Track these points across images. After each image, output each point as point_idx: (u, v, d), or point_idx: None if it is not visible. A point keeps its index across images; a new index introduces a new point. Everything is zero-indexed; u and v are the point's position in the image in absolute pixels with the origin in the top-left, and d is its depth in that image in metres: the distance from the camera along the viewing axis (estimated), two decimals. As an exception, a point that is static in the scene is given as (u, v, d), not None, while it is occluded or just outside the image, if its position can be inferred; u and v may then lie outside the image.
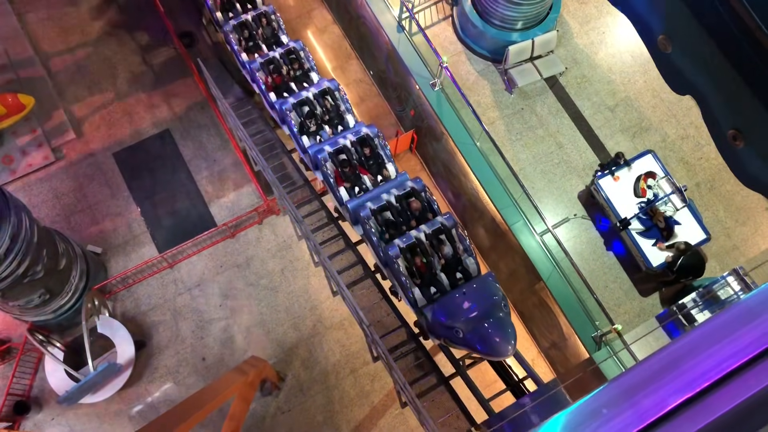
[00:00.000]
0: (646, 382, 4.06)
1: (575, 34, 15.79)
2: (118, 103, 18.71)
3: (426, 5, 16.13)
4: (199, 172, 18.11)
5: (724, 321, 4.17)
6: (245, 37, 15.69)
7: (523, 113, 15.15)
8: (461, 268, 11.61)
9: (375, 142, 13.16)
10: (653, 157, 13.85)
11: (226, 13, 16.28)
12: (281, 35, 15.85)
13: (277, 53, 14.99)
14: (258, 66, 14.85)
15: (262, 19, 15.76)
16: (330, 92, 14.03)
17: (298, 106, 13.90)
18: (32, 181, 17.70)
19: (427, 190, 12.37)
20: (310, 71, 15.03)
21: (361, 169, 13.09)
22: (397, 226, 12.24)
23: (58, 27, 19.41)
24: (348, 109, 14.00)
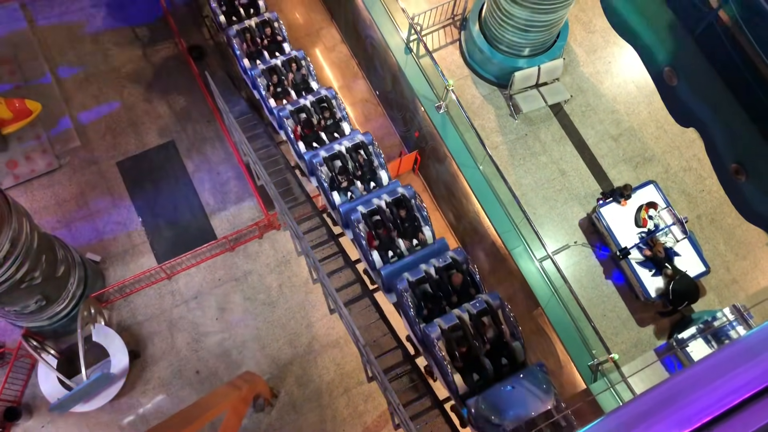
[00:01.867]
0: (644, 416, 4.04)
1: (581, 63, 15.89)
2: (125, 112, 18.80)
3: (434, 29, 16.26)
4: (201, 184, 18.15)
5: (724, 358, 4.16)
6: (274, 82, 15.25)
7: (527, 139, 15.21)
8: (507, 352, 10.83)
9: (411, 203, 12.62)
10: (655, 188, 13.88)
11: (254, 61, 15.90)
12: (311, 81, 15.45)
13: (308, 101, 14.41)
14: (287, 114, 14.32)
15: (292, 64, 15.36)
16: (363, 146, 13.56)
17: (330, 160, 13.38)
18: (35, 187, 17.72)
19: (470, 260, 11.74)
20: (341, 121, 14.54)
21: (396, 233, 12.53)
22: (435, 300, 11.51)
23: (69, 35, 19.55)
24: (381, 164, 13.54)
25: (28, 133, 18.03)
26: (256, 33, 15.88)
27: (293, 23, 19.91)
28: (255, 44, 15.90)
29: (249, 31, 15.86)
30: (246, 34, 15.85)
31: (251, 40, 15.89)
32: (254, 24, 15.90)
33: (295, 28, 19.80)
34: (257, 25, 15.92)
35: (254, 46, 15.91)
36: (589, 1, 16.47)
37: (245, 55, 15.94)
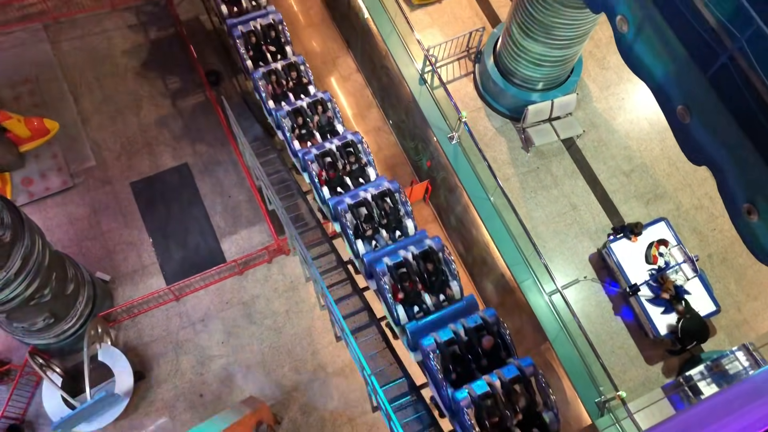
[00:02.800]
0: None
1: (595, 99, 15.97)
2: (140, 134, 19.01)
3: (449, 61, 16.42)
4: (213, 207, 18.25)
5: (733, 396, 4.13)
6: (299, 124, 14.96)
7: (538, 172, 15.24)
8: (539, 422, 10.37)
9: (439, 256, 12.20)
10: (666, 225, 13.83)
11: (279, 104, 15.67)
12: (337, 124, 15.18)
13: (333, 145, 14.04)
14: (312, 157, 13.94)
15: (317, 106, 15.04)
16: (390, 194, 13.17)
17: (355, 207, 13.06)
18: (48, 205, 17.88)
19: (501, 322, 11.23)
20: (367, 166, 14.16)
21: (423, 287, 12.07)
22: (464, 363, 11.03)
23: (89, 57, 19.88)
24: (408, 212, 13.14)
25: (44, 152, 18.26)
26: (282, 75, 15.66)
27: (310, 51, 20.17)
28: (280, 86, 15.70)
29: (275, 73, 15.63)
30: (272, 76, 15.63)
31: (277, 82, 15.67)
32: (280, 67, 15.67)
33: (312, 56, 20.05)
34: (283, 68, 15.67)
35: (280, 88, 15.71)
36: (603, 37, 16.61)
37: (270, 97, 15.68)
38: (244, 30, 16.04)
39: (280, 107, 15.05)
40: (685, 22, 7.71)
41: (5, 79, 19.07)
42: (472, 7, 17.09)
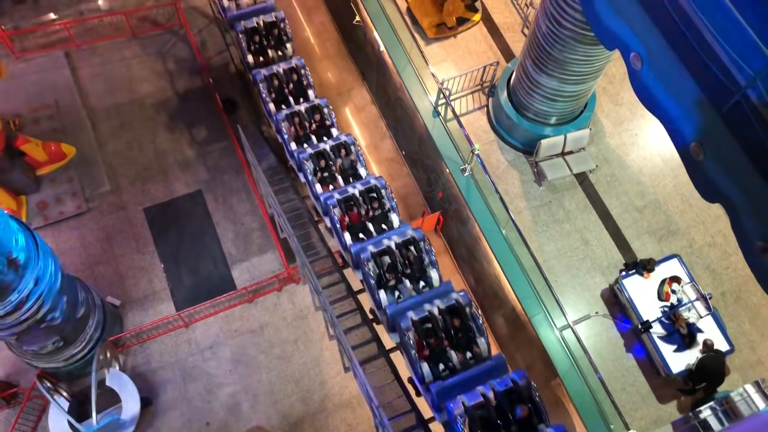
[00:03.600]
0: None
1: (608, 134, 16.00)
2: (156, 160, 19.21)
3: (462, 94, 16.55)
4: (225, 234, 18.33)
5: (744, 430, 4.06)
6: (321, 167, 14.68)
7: (550, 206, 15.22)
8: None
9: (467, 312, 11.77)
10: (679, 262, 13.73)
11: (301, 145, 15.43)
12: (360, 168, 14.85)
13: (356, 190, 13.74)
14: (334, 202, 13.64)
15: (341, 149, 14.77)
16: (414, 242, 12.82)
17: (378, 256, 12.69)
18: (62, 228, 18.03)
19: (533, 387, 10.76)
20: (390, 212, 13.84)
21: (449, 344, 11.63)
22: (495, 430, 10.67)
23: (108, 84, 20.19)
24: (432, 262, 12.75)
25: (60, 176, 18.47)
26: (306, 118, 15.48)
27: (325, 82, 20.39)
28: (303, 128, 15.53)
29: (298, 115, 15.46)
30: (295, 118, 15.45)
31: (299, 125, 15.50)
32: (304, 109, 15.50)
33: (327, 87, 20.27)
34: (307, 110, 15.52)
35: (302, 130, 15.55)
36: (617, 74, 16.70)
37: (293, 139, 15.45)
38: (267, 74, 15.99)
39: (302, 149, 14.80)
40: (699, 60, 7.75)
41: (26, 104, 19.39)
42: (486, 42, 17.27)
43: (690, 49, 7.82)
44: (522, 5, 17.50)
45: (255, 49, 16.76)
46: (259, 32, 16.65)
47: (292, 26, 20.30)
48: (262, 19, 16.63)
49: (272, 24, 16.73)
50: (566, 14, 11.86)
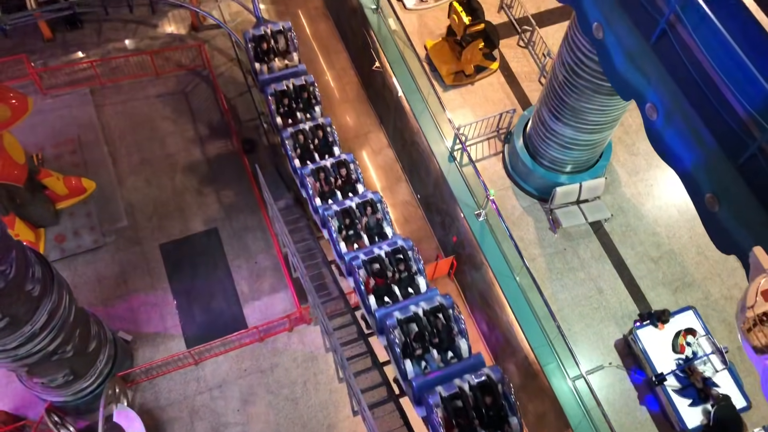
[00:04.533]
0: None
1: (623, 183, 16.02)
2: (173, 197, 19.42)
3: (479, 140, 16.70)
4: (238, 272, 18.39)
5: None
6: (346, 224, 14.23)
7: (565, 254, 15.17)
8: None
9: (499, 389, 11.21)
10: (694, 314, 13.57)
11: (326, 201, 15.08)
12: (386, 226, 14.45)
13: (382, 251, 13.31)
14: (360, 263, 13.21)
15: (367, 207, 14.35)
16: (443, 309, 12.32)
17: (405, 323, 12.15)
18: (78, 262, 18.18)
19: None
20: (417, 275, 13.33)
21: (479, 423, 10.96)
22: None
23: (131, 121, 20.59)
24: (462, 331, 12.19)
25: (79, 210, 18.72)
26: (331, 173, 15.16)
27: (344, 125, 20.66)
28: (329, 184, 15.15)
29: (323, 170, 15.12)
30: (320, 173, 15.10)
31: (325, 180, 15.14)
32: (329, 165, 15.18)
33: (345, 130, 20.53)
34: (332, 165, 15.19)
35: (328, 185, 15.15)
36: (633, 124, 16.80)
37: (317, 194, 15.04)
38: (293, 131, 15.79)
39: (327, 206, 14.43)
40: (714, 112, 7.81)
41: (50, 139, 19.79)
42: (503, 90, 17.49)
43: (706, 101, 7.88)
44: (539, 55, 17.75)
45: (284, 111, 16.52)
46: (288, 95, 16.44)
47: (313, 70, 20.73)
48: (292, 82, 16.42)
49: (302, 87, 16.48)
50: (583, 65, 12.02)
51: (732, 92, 7.52)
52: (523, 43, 18.22)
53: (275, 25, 17.12)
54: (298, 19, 22.93)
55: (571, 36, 12.06)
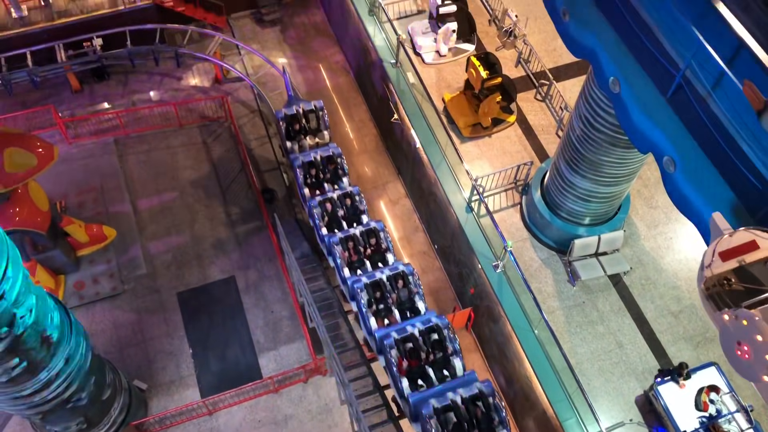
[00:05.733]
0: None
1: (642, 236, 15.93)
2: (192, 246, 19.59)
3: (496, 191, 16.76)
4: (254, 321, 18.36)
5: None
6: (376, 297, 13.92)
7: (584, 307, 15.01)
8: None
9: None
10: (717, 370, 13.25)
11: (355, 271, 14.91)
12: (418, 301, 14.06)
13: (416, 329, 12.91)
14: (392, 342, 12.75)
15: (398, 280, 14.05)
16: (483, 398, 11.91)
17: (442, 412, 11.78)
18: (97, 309, 18.28)
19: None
20: (453, 356, 12.84)
21: None
22: None
23: (153, 170, 20.95)
24: (503, 421, 11.71)
25: (99, 257, 18.91)
26: (360, 242, 14.89)
27: (362, 176, 20.86)
28: (357, 253, 14.85)
29: (352, 239, 14.82)
30: (349, 242, 14.77)
31: (353, 249, 14.81)
32: (359, 233, 14.91)
33: (364, 180, 20.72)
34: (362, 234, 14.91)
35: (356, 255, 14.84)
36: (651, 177, 16.79)
37: (346, 264, 14.73)
38: (321, 199, 15.80)
39: (357, 277, 14.01)
40: (732, 165, 7.81)
41: (73, 187, 20.17)
42: (521, 142, 17.62)
43: (723, 155, 7.90)
44: (557, 108, 17.93)
45: (311, 182, 16.59)
46: (316, 166, 16.54)
47: (333, 122, 21.06)
48: (320, 154, 16.61)
49: (329, 158, 16.62)
50: (600, 118, 12.12)
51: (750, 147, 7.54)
52: (541, 97, 18.43)
53: (307, 104, 17.47)
54: (318, 73, 23.45)
55: (588, 90, 12.20)
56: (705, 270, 7.00)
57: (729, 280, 6.86)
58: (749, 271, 6.96)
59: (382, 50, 19.30)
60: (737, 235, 7.04)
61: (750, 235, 7.04)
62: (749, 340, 6.17)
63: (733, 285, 6.80)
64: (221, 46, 23.23)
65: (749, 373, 6.39)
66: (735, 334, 6.38)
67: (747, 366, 6.35)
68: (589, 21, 10.23)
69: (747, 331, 6.19)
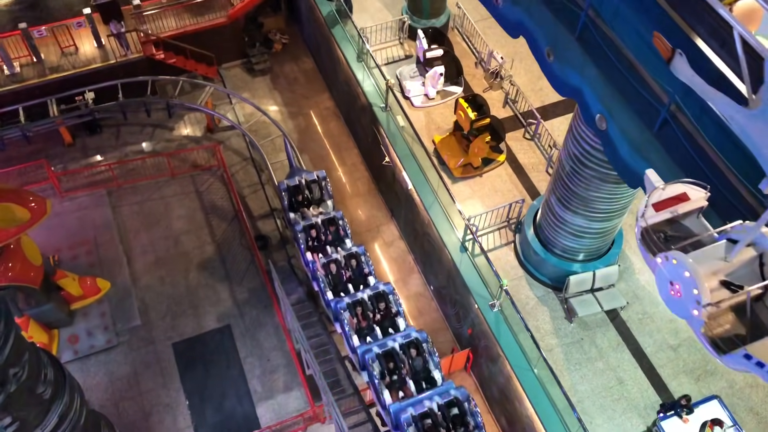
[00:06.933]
0: None
1: (637, 271, 15.94)
2: (187, 295, 19.47)
3: (489, 230, 16.80)
4: (251, 371, 18.15)
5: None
6: (390, 368, 13.43)
7: (582, 343, 14.92)
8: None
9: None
10: (719, 404, 13.17)
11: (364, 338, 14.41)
12: (433, 370, 13.55)
13: (434, 403, 12.58)
14: (409, 419, 12.38)
15: (410, 348, 13.59)
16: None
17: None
18: (91, 362, 18.06)
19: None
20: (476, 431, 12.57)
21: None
22: None
23: (146, 221, 20.96)
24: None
25: (93, 310, 18.77)
26: (368, 307, 14.49)
27: (356, 219, 20.90)
28: (366, 319, 14.41)
29: (361, 304, 14.36)
30: (357, 308, 14.36)
31: (362, 315, 14.36)
32: (367, 297, 14.45)
33: (357, 223, 20.75)
34: (370, 298, 14.47)
35: (365, 320, 14.40)
36: (642, 211, 16.86)
37: (355, 332, 14.20)
38: (324, 261, 15.49)
39: (368, 347, 13.43)
40: (722, 198, 7.88)
41: (66, 240, 20.12)
42: (511, 181, 17.75)
43: (712, 187, 7.97)
44: (546, 146, 18.12)
45: (313, 245, 16.40)
46: (316, 228, 16.42)
47: (325, 166, 21.20)
48: (321, 218, 16.50)
49: (330, 221, 16.51)
50: (588, 154, 12.24)
51: (737, 177, 7.62)
52: (529, 136, 18.64)
53: (310, 174, 17.42)
54: (309, 119, 23.69)
55: (575, 127, 12.36)
56: (640, 220, 7.54)
57: (663, 229, 7.53)
58: (680, 220, 7.62)
59: (372, 95, 19.55)
60: (669, 188, 7.61)
61: (682, 187, 7.65)
62: (679, 278, 6.71)
63: (666, 233, 7.46)
64: (212, 95, 23.49)
65: (682, 311, 6.90)
66: (668, 274, 6.93)
67: (679, 304, 6.88)
68: (573, 60, 10.41)
69: (677, 270, 6.74)
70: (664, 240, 7.36)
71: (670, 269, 6.88)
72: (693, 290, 6.59)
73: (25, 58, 21.90)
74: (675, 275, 6.80)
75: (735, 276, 6.77)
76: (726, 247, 6.84)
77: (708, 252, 6.88)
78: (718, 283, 6.71)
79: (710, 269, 6.69)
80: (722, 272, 6.76)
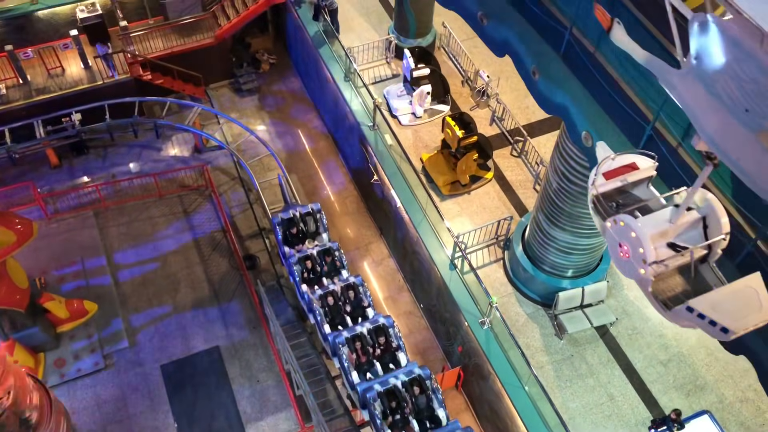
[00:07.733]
0: None
1: (626, 286, 15.99)
2: (175, 316, 19.32)
3: (478, 247, 16.83)
4: (241, 392, 17.98)
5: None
6: (392, 407, 12.99)
7: (572, 360, 14.92)
8: None
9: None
10: (710, 418, 13.19)
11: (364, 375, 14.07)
12: (438, 409, 13.22)
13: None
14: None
15: (413, 386, 13.17)
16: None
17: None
18: (78, 386, 17.83)
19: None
20: None
21: None
22: None
23: (133, 242, 20.82)
24: None
25: (80, 332, 18.56)
26: (368, 341, 14.13)
27: (345, 238, 20.88)
28: (366, 354, 14.04)
29: (360, 339, 14.00)
30: (356, 342, 13.96)
31: (361, 349, 14.07)
32: (366, 331, 14.06)
33: (346, 242, 20.73)
34: (369, 332, 14.10)
35: (365, 355, 14.03)
36: (630, 227, 16.96)
37: (354, 368, 13.87)
38: (322, 293, 15.26)
39: (369, 385, 12.98)
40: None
41: (53, 263, 19.93)
42: (499, 198, 17.82)
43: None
44: (533, 163, 18.22)
45: (309, 277, 16.23)
46: (312, 259, 16.23)
47: (313, 185, 21.21)
48: (316, 250, 16.32)
49: (326, 251, 16.36)
50: (575, 171, 12.33)
51: (722, 193, 7.69)
52: (516, 153, 18.75)
53: (304, 207, 17.24)
54: (298, 138, 23.72)
55: (561, 145, 12.44)
56: (591, 188, 7.88)
57: (614, 198, 7.93)
58: (628, 189, 8.04)
59: (359, 114, 19.63)
60: (619, 158, 8.02)
61: (631, 156, 8.09)
62: (627, 239, 7.15)
63: (618, 201, 7.88)
64: (200, 116, 23.48)
65: (630, 271, 7.32)
66: (616, 236, 7.36)
67: (628, 265, 7.30)
68: (559, 78, 10.51)
69: (624, 232, 7.19)
70: (616, 207, 7.74)
71: (618, 231, 7.30)
72: (639, 249, 7.01)
73: (11, 80, 21.84)
74: (623, 236, 7.23)
75: (682, 239, 7.19)
76: (672, 212, 7.25)
77: (656, 217, 7.30)
78: (665, 245, 7.12)
79: (657, 231, 7.08)
80: (669, 235, 7.16)
